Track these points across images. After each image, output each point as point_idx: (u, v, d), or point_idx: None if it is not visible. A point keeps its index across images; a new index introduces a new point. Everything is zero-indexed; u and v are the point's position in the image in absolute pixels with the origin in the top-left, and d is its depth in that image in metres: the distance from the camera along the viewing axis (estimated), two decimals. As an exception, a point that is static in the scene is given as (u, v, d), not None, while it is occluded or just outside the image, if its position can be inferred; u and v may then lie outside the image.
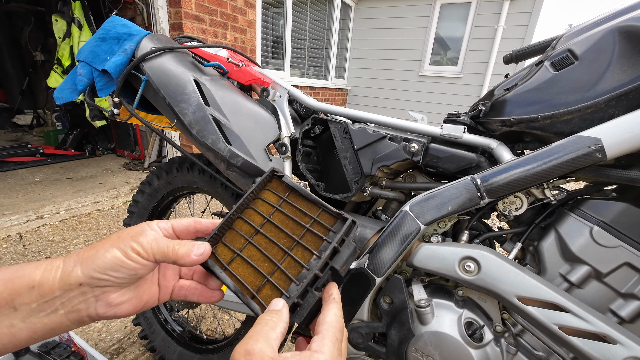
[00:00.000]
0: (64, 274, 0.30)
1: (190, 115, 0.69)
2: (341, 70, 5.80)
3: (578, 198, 0.55)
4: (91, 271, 0.30)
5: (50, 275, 0.29)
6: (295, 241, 0.35)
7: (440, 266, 0.54)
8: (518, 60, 0.72)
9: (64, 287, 0.29)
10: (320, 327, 0.30)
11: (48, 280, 0.29)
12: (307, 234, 0.36)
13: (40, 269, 0.30)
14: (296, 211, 0.38)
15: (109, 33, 0.74)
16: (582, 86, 0.48)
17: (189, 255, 0.32)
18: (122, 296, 0.33)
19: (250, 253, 0.36)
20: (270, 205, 0.39)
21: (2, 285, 0.28)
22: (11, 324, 0.28)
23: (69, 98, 0.76)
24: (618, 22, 0.46)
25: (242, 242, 0.36)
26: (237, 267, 0.35)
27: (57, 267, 0.30)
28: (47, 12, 3.78)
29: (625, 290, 0.48)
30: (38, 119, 4.78)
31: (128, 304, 0.34)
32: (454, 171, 0.61)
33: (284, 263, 0.34)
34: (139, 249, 0.31)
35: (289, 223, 0.37)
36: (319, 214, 0.37)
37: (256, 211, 0.38)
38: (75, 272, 0.30)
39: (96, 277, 0.30)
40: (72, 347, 1.02)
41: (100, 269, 0.30)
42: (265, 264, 0.35)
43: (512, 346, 0.54)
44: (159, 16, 2.66)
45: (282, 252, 0.35)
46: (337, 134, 0.67)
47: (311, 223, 0.37)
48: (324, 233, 0.36)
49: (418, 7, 4.94)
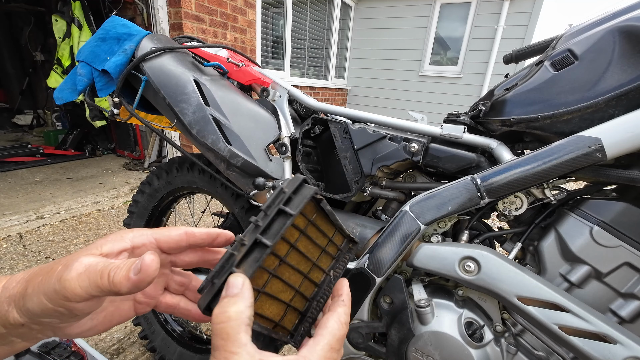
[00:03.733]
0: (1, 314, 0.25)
1: (190, 115, 0.69)
2: (341, 70, 5.80)
3: (578, 198, 0.55)
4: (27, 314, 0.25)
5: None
6: (312, 264, 0.34)
7: (440, 266, 0.54)
8: (518, 60, 0.72)
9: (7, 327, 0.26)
10: (319, 330, 0.27)
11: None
12: (322, 255, 0.35)
13: None
14: (319, 234, 0.34)
15: (109, 33, 0.74)
16: (582, 86, 0.48)
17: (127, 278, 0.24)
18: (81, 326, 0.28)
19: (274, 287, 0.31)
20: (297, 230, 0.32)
21: None
22: None
23: (69, 98, 0.76)
24: (618, 22, 0.46)
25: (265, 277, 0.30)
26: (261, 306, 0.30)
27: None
28: (47, 12, 3.78)
29: (625, 290, 0.48)
30: (38, 119, 4.78)
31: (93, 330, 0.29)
32: (454, 171, 0.61)
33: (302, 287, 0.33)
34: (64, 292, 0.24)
35: (310, 247, 0.33)
36: (334, 235, 0.36)
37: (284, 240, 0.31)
38: (12, 313, 0.25)
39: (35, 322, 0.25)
40: (72, 347, 1.03)
41: (34, 315, 0.25)
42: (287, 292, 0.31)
43: (512, 346, 0.55)
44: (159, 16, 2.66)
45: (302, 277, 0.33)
46: (337, 134, 0.67)
47: (327, 245, 0.35)
48: (334, 252, 0.36)
49: (418, 7, 4.95)
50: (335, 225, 0.36)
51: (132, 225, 1.14)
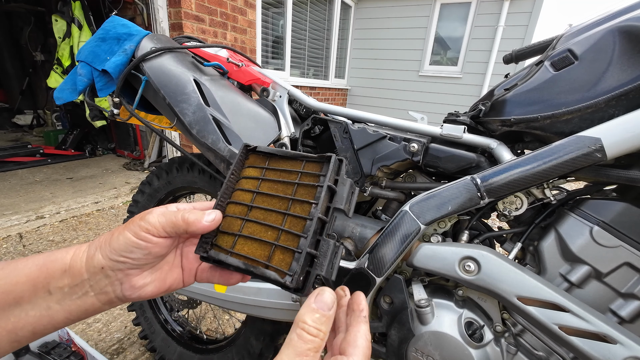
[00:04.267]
0: (88, 258, 0.31)
1: (190, 115, 0.69)
2: (341, 70, 5.80)
3: (578, 198, 0.55)
4: (109, 254, 0.31)
5: (78, 259, 0.31)
6: (289, 200, 0.34)
7: (440, 266, 0.54)
8: (518, 60, 0.72)
9: (90, 270, 0.31)
10: (350, 349, 0.27)
11: (77, 264, 0.31)
12: (299, 189, 0.35)
13: (70, 253, 0.32)
14: (281, 173, 0.37)
15: (109, 33, 0.74)
16: (582, 86, 0.48)
17: (200, 221, 0.32)
18: (144, 279, 0.34)
19: (251, 229, 0.34)
20: (254, 179, 0.37)
21: (38, 270, 0.30)
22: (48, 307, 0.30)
23: (69, 98, 0.76)
24: (618, 22, 0.46)
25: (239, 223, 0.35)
26: (242, 247, 0.34)
27: (84, 252, 0.32)
28: (47, 12, 3.78)
29: (625, 290, 0.48)
30: (38, 119, 4.78)
31: (152, 286, 0.34)
32: (454, 171, 0.61)
33: (286, 224, 0.33)
34: (147, 226, 0.31)
35: (278, 187, 0.36)
36: (304, 166, 0.36)
37: (243, 190, 0.37)
38: (97, 256, 0.31)
39: (114, 260, 0.31)
40: (72, 347, 1.02)
41: (116, 252, 0.31)
42: (269, 232, 0.33)
43: (512, 346, 0.54)
44: (159, 16, 2.66)
45: (281, 215, 0.34)
46: (337, 134, 0.67)
47: (299, 177, 0.35)
48: (315, 181, 0.34)
49: (418, 7, 4.95)
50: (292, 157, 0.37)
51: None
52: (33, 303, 0.30)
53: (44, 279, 0.30)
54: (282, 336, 0.96)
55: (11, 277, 0.29)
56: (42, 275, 0.30)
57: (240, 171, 0.40)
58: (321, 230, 0.33)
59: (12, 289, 0.29)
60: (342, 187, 0.34)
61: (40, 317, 0.30)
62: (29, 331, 0.30)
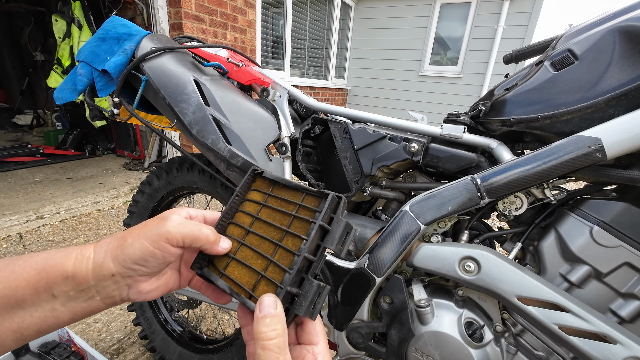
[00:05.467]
0: (96, 265, 0.30)
1: (190, 115, 0.69)
2: (341, 70, 5.80)
3: (578, 198, 0.55)
4: (121, 261, 0.30)
5: (82, 266, 0.30)
6: (284, 231, 0.34)
7: (440, 266, 0.54)
8: (518, 60, 0.72)
9: (98, 277, 0.30)
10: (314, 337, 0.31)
11: (81, 271, 0.30)
12: (295, 221, 0.34)
13: (70, 259, 0.30)
14: (281, 202, 0.37)
15: (109, 33, 0.74)
16: (582, 86, 0.48)
17: (217, 243, 0.33)
18: (151, 285, 0.34)
19: (244, 254, 0.35)
20: (256, 203, 0.38)
21: (37, 274, 0.29)
22: (53, 309, 0.30)
23: (69, 98, 0.76)
24: (618, 22, 0.46)
25: (235, 245, 0.36)
26: (232, 270, 0.34)
27: (88, 258, 0.31)
28: (47, 12, 3.78)
29: (625, 290, 0.48)
30: (38, 119, 4.78)
31: (157, 291, 0.35)
32: (454, 171, 0.61)
33: (276, 256, 0.33)
34: (167, 236, 0.31)
35: (276, 216, 0.36)
36: (303, 199, 0.36)
37: (245, 213, 0.38)
38: (107, 263, 0.30)
39: (127, 267, 0.31)
40: (72, 347, 1.03)
41: (130, 260, 0.30)
42: (259, 261, 0.34)
43: (512, 346, 0.55)
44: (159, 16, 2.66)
45: (274, 245, 0.34)
46: (337, 134, 0.67)
47: (297, 209, 0.35)
48: (311, 216, 0.34)
49: (418, 7, 4.94)
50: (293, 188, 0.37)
51: (132, 225, 1.14)
52: (37, 305, 0.30)
53: (45, 284, 0.29)
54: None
55: (10, 281, 0.29)
56: (42, 280, 0.29)
57: (246, 193, 0.40)
58: (307, 269, 0.32)
59: (12, 294, 0.29)
60: (336, 227, 0.33)
61: (45, 318, 0.30)
62: (34, 330, 0.30)
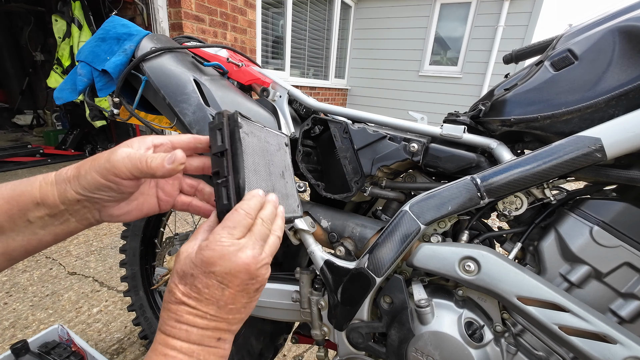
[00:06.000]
0: (60, 193, 0.32)
1: (190, 115, 0.69)
2: (341, 70, 5.80)
3: (578, 198, 0.55)
4: (80, 190, 0.32)
5: (48, 192, 0.32)
6: None
7: (440, 266, 0.54)
8: (518, 60, 0.72)
9: (65, 203, 0.32)
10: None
11: (49, 197, 0.32)
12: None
13: (35, 187, 0.32)
14: None
15: (109, 33, 0.74)
16: (582, 86, 0.48)
17: (163, 165, 0.32)
18: (120, 209, 0.36)
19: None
20: None
21: (7, 203, 0.31)
22: (33, 232, 0.32)
23: (69, 98, 0.76)
24: (618, 22, 0.46)
25: None
26: None
27: (52, 185, 0.32)
28: (47, 12, 3.78)
29: (625, 290, 0.48)
30: (38, 119, 4.78)
31: (129, 215, 0.37)
32: (454, 171, 0.61)
33: None
34: (113, 170, 0.32)
35: None
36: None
37: None
38: (69, 191, 0.32)
39: (86, 195, 0.32)
40: (72, 347, 1.03)
41: (86, 189, 0.32)
42: None
43: (512, 346, 0.55)
44: (159, 16, 2.66)
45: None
46: (337, 134, 0.67)
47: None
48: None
49: (418, 7, 4.95)
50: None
51: (132, 225, 1.14)
52: (17, 231, 0.32)
53: (18, 211, 0.31)
54: (282, 336, 0.96)
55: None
56: (13, 208, 0.31)
57: None
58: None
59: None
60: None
61: (28, 240, 0.32)
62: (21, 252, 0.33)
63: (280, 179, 0.46)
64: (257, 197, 0.35)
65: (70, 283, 1.62)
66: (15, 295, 1.50)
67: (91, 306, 1.47)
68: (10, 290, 1.53)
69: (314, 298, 0.68)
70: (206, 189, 0.43)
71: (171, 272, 0.33)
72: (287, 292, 0.74)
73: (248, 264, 0.30)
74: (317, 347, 0.84)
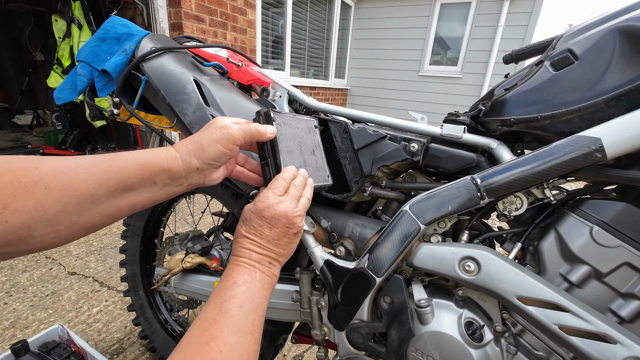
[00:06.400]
0: (185, 163, 0.43)
1: (190, 115, 0.69)
2: (341, 70, 5.80)
3: (578, 198, 0.55)
4: (204, 160, 0.44)
5: (174, 163, 0.42)
6: None
7: (440, 266, 0.54)
8: (518, 60, 0.72)
9: (187, 171, 0.43)
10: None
11: (174, 166, 0.42)
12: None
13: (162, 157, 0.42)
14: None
15: (109, 33, 0.74)
16: (582, 86, 0.48)
17: (266, 132, 0.48)
18: (218, 172, 0.49)
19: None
20: None
21: (141, 168, 0.40)
22: (153, 191, 0.42)
23: (69, 98, 0.76)
24: (618, 22, 0.46)
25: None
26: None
27: (177, 158, 0.42)
28: (47, 12, 3.78)
29: (625, 290, 0.48)
30: (38, 119, 4.77)
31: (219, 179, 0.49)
32: (454, 171, 0.61)
33: None
34: (233, 139, 0.44)
35: None
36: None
37: None
38: (193, 161, 0.43)
39: (207, 163, 0.44)
40: (72, 347, 1.03)
41: (210, 159, 0.44)
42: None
43: (512, 346, 0.55)
44: (159, 16, 2.66)
45: None
46: (337, 134, 0.67)
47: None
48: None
49: (418, 7, 4.95)
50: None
51: (132, 225, 1.14)
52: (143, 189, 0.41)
53: (148, 175, 0.41)
54: (282, 336, 0.96)
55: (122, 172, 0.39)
56: (145, 172, 0.40)
57: None
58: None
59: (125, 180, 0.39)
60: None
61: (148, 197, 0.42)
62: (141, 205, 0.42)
63: (312, 156, 0.58)
64: (291, 170, 0.50)
65: (70, 283, 1.62)
66: (15, 295, 1.50)
67: (91, 306, 1.47)
68: (10, 290, 1.53)
69: (314, 298, 0.68)
70: (253, 162, 0.56)
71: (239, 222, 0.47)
72: (287, 292, 0.74)
73: (286, 212, 0.45)
74: (317, 347, 0.84)
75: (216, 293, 0.40)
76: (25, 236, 0.31)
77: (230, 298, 0.38)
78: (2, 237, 0.30)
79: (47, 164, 0.34)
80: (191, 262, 0.92)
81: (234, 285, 0.40)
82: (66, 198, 0.34)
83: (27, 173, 0.32)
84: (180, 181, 0.43)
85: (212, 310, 0.38)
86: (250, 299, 0.40)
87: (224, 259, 0.99)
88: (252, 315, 0.39)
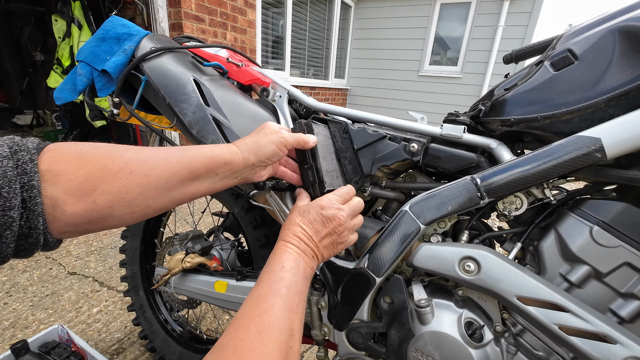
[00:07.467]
0: (244, 158, 0.47)
1: (190, 115, 0.69)
2: (341, 70, 5.80)
3: (578, 198, 0.55)
4: (260, 157, 0.48)
5: (235, 157, 0.46)
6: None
7: (440, 266, 0.54)
8: (518, 60, 0.72)
9: (245, 165, 0.48)
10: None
11: (235, 160, 0.46)
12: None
13: (225, 152, 0.46)
14: None
15: (109, 33, 0.73)
16: (582, 86, 0.48)
17: (310, 142, 0.53)
18: (266, 170, 0.52)
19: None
20: None
21: (208, 160, 0.44)
22: (213, 182, 0.46)
23: (69, 98, 0.76)
24: (618, 22, 0.46)
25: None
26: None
27: (237, 153, 0.47)
28: (47, 12, 3.78)
29: (625, 290, 0.48)
30: (38, 119, 4.77)
31: (266, 175, 0.53)
32: (454, 171, 0.61)
33: None
34: (285, 142, 0.50)
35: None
36: None
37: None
38: (251, 157, 0.48)
39: (261, 160, 0.49)
40: (72, 347, 1.03)
41: (265, 156, 0.49)
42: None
43: (512, 346, 0.55)
44: (158, 16, 2.66)
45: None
46: (337, 134, 0.67)
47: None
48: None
49: (418, 7, 4.95)
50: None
51: (132, 225, 1.14)
52: (205, 179, 0.45)
53: (214, 167, 0.44)
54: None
55: (193, 162, 0.42)
56: (212, 165, 0.44)
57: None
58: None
59: (194, 170, 0.43)
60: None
61: (208, 187, 0.45)
62: (201, 193, 0.45)
63: (332, 161, 0.63)
64: (351, 188, 0.55)
65: (70, 283, 1.62)
66: (15, 295, 1.50)
67: (91, 306, 1.47)
68: (10, 290, 1.53)
69: (314, 298, 0.68)
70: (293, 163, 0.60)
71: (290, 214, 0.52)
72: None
73: (340, 219, 0.49)
74: (317, 347, 0.84)
75: (265, 273, 0.42)
76: (106, 216, 0.35)
77: (279, 280, 0.41)
78: (89, 215, 0.34)
79: (130, 152, 0.38)
80: (191, 262, 0.92)
81: (282, 269, 0.42)
82: (146, 183, 0.38)
83: (113, 160, 0.36)
84: (236, 174, 0.48)
85: (263, 288, 0.40)
86: (295, 283, 0.42)
87: (224, 259, 0.99)
88: (297, 298, 0.41)
